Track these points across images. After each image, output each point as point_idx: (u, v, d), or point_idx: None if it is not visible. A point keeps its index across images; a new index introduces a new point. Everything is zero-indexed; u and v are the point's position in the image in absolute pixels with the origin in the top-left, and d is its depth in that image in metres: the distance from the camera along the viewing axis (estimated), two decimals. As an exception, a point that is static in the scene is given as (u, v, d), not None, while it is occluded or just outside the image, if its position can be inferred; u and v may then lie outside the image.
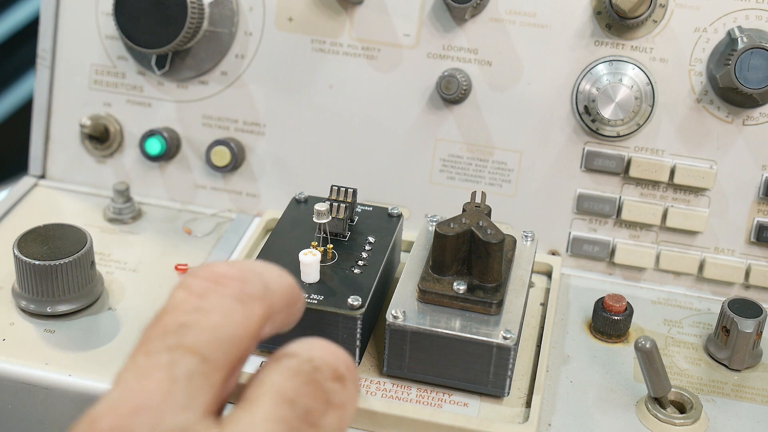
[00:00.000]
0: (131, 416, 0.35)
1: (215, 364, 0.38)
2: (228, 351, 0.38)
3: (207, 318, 0.39)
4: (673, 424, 0.68)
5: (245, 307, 0.40)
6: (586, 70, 0.84)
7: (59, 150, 0.94)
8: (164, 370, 0.36)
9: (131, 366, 0.37)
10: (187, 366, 0.37)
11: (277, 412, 0.37)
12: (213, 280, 0.40)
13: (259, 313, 0.40)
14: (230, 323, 0.39)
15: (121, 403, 0.35)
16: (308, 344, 0.41)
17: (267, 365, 0.40)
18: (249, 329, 0.40)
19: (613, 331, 0.77)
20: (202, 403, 0.37)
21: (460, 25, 0.85)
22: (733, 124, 0.83)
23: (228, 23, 0.88)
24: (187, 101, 0.91)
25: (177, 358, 0.37)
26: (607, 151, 0.85)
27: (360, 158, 0.89)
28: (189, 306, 0.39)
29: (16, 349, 0.72)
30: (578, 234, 0.87)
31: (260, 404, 0.37)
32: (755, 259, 0.85)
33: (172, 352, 0.37)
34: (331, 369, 0.40)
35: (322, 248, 0.73)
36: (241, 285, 0.40)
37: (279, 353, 0.40)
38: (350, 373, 0.41)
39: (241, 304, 0.40)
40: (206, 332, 0.38)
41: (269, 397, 0.38)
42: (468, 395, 0.69)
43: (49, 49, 0.92)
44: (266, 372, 0.39)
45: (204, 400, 0.37)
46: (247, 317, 0.40)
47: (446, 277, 0.68)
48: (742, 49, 0.77)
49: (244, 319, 0.40)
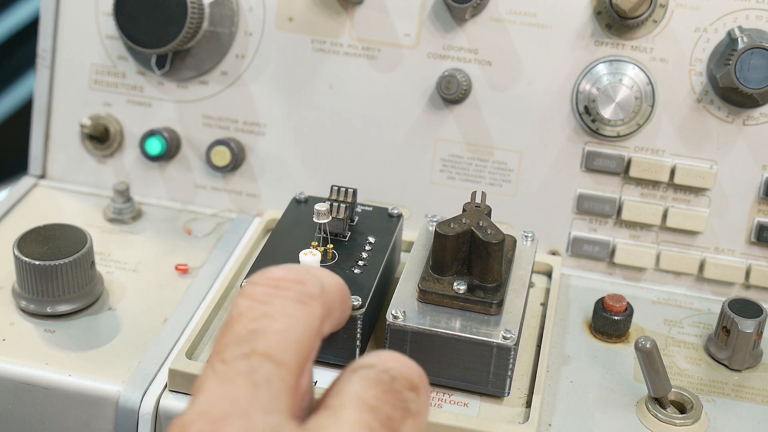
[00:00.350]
0: (222, 422, 0.36)
1: (289, 366, 0.39)
2: (298, 352, 0.40)
3: (274, 323, 0.40)
4: (673, 424, 0.68)
5: (307, 307, 0.42)
6: (586, 70, 0.84)
7: (59, 150, 0.94)
8: (244, 376, 0.38)
9: (211, 374, 0.39)
10: (265, 371, 0.38)
11: (362, 418, 0.39)
12: (273, 285, 0.42)
13: (320, 312, 0.42)
14: (296, 325, 0.41)
15: (210, 410, 0.37)
16: (383, 356, 0.43)
17: (345, 375, 0.42)
18: (313, 328, 0.42)
19: (614, 331, 0.76)
20: (285, 406, 0.38)
21: (461, 25, 0.85)
22: (734, 124, 0.83)
23: (228, 23, 0.88)
24: (188, 101, 0.91)
25: (254, 365, 0.38)
26: (608, 151, 0.85)
27: (360, 158, 0.89)
28: (255, 313, 0.41)
29: (16, 349, 0.72)
30: (578, 234, 0.87)
31: (345, 411, 0.39)
32: (755, 259, 0.85)
33: (248, 358, 0.39)
34: (407, 379, 0.42)
35: (322, 248, 0.73)
36: (299, 287, 0.42)
37: (355, 365, 0.43)
38: (423, 384, 0.43)
39: (302, 305, 0.42)
40: (276, 337, 0.40)
41: (353, 405, 0.39)
42: (468, 395, 0.68)
43: (50, 49, 0.92)
44: (346, 382, 0.41)
45: (286, 403, 0.38)
46: (310, 317, 0.42)
47: (446, 277, 0.68)
48: (743, 49, 0.77)
49: (308, 319, 0.41)
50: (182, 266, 0.82)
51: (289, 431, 0.37)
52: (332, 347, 0.68)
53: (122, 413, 0.68)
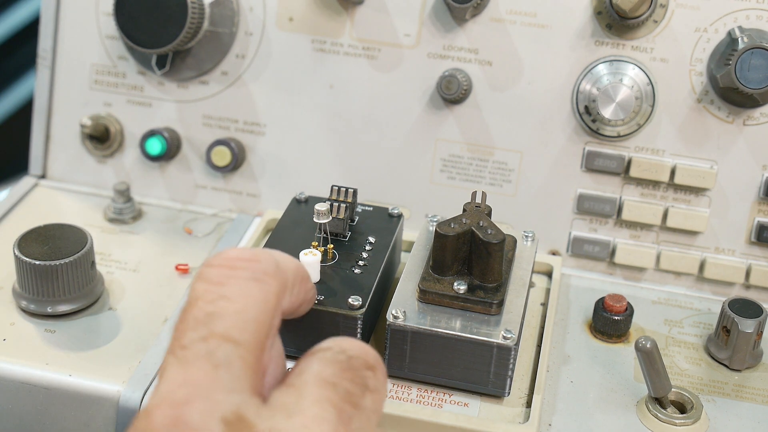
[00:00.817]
0: (185, 404, 0.37)
1: (248, 345, 0.40)
2: (256, 330, 0.41)
3: (231, 304, 0.41)
4: (673, 424, 0.68)
5: (262, 285, 0.42)
6: (586, 70, 0.84)
7: (60, 150, 0.94)
8: (204, 359, 0.39)
9: (171, 360, 0.39)
10: (224, 352, 0.39)
11: (322, 393, 0.40)
12: (228, 266, 0.43)
13: (276, 288, 0.43)
14: (252, 304, 0.41)
15: (172, 394, 0.37)
16: (338, 340, 0.44)
17: (304, 359, 0.43)
18: (270, 305, 0.42)
19: (614, 331, 0.76)
20: (247, 384, 0.39)
21: (461, 25, 0.85)
22: (734, 124, 0.83)
23: (228, 23, 0.88)
24: (188, 101, 0.91)
25: (213, 347, 0.39)
26: (608, 151, 0.85)
27: (360, 158, 0.89)
28: (211, 295, 0.41)
29: (17, 349, 0.72)
30: (579, 234, 0.87)
31: (305, 388, 0.40)
32: (756, 259, 0.85)
33: (207, 341, 0.39)
34: (363, 359, 0.43)
35: (322, 248, 0.73)
36: (254, 265, 0.43)
37: (313, 349, 0.43)
38: (379, 364, 0.44)
39: (257, 282, 0.42)
40: (233, 318, 0.40)
41: (312, 382, 0.40)
42: (468, 395, 0.68)
43: (50, 49, 0.92)
44: (305, 363, 0.42)
45: (247, 382, 0.39)
46: (266, 294, 0.42)
47: (447, 277, 0.68)
48: (743, 49, 0.77)
49: (264, 296, 0.42)
50: (182, 266, 0.82)
51: (253, 409, 0.38)
52: (332, 347, 0.68)
53: (122, 413, 0.68)
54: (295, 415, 0.38)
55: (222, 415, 0.37)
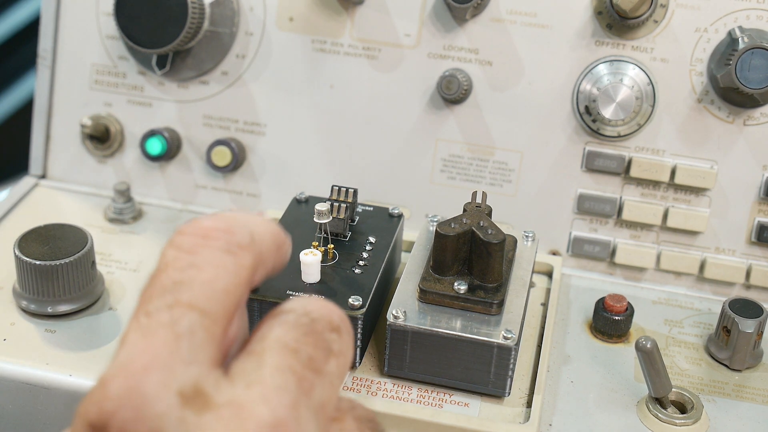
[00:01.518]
0: (141, 374, 0.36)
1: (214, 317, 0.39)
2: (224, 302, 0.40)
3: (200, 273, 0.40)
4: (673, 424, 0.68)
5: (235, 257, 0.41)
6: (586, 70, 0.84)
7: (60, 150, 0.94)
8: (167, 327, 0.37)
9: (134, 327, 0.38)
10: (188, 322, 0.38)
11: (283, 361, 0.39)
12: (201, 235, 0.41)
13: (249, 262, 0.42)
14: (223, 275, 0.40)
15: (130, 363, 0.36)
16: (303, 301, 0.43)
17: (265, 322, 0.41)
18: (241, 278, 0.41)
19: (614, 331, 0.76)
20: (208, 356, 0.38)
21: (461, 25, 0.85)
22: (734, 124, 0.83)
23: (229, 23, 0.88)
24: (188, 101, 0.91)
25: (177, 316, 0.38)
26: (608, 151, 0.85)
27: (361, 158, 0.89)
28: (181, 263, 0.40)
29: (17, 349, 0.72)
30: (579, 234, 0.87)
31: (265, 356, 0.39)
32: (756, 259, 0.85)
33: (171, 309, 0.38)
34: (327, 321, 0.42)
35: (322, 248, 0.73)
36: (228, 236, 0.41)
37: (276, 311, 0.42)
38: (345, 325, 0.43)
39: (230, 255, 0.41)
40: (201, 287, 0.39)
41: (273, 349, 0.39)
42: (469, 395, 0.68)
43: (50, 49, 0.92)
44: (266, 327, 0.41)
45: (209, 353, 0.38)
46: (238, 267, 0.41)
47: (447, 277, 0.68)
48: (743, 49, 0.77)
49: (236, 269, 0.41)
50: (183, 266, 0.82)
51: (211, 381, 0.37)
52: (333, 347, 0.68)
53: (123, 413, 0.68)
54: (254, 384, 0.37)
55: (179, 387, 0.36)
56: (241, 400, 0.37)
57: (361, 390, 0.68)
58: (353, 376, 0.69)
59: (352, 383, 0.69)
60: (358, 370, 0.70)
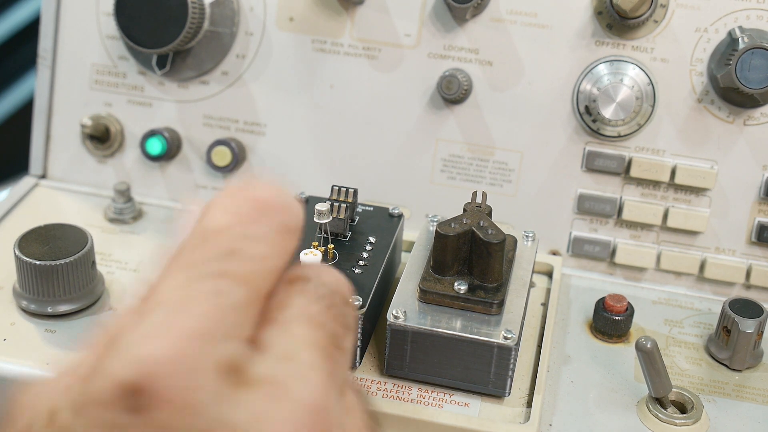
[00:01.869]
0: (186, 341, 0.34)
1: (259, 295, 0.37)
2: (271, 282, 0.38)
3: (256, 247, 0.38)
4: (674, 425, 0.68)
5: (286, 239, 0.39)
6: (586, 70, 0.84)
7: (60, 150, 0.94)
8: (213, 297, 0.35)
9: (174, 285, 0.36)
10: (235, 296, 0.36)
11: (313, 335, 0.37)
12: (259, 208, 0.39)
13: (294, 246, 0.40)
14: (275, 254, 0.38)
15: (172, 327, 0.34)
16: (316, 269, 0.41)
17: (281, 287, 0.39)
18: (287, 261, 0.39)
19: (614, 331, 0.76)
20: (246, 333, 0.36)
21: (461, 25, 0.85)
22: (734, 124, 0.83)
23: (229, 23, 0.88)
24: (188, 101, 0.91)
25: (225, 287, 0.36)
26: (608, 151, 0.85)
27: (361, 158, 0.89)
28: (238, 232, 0.38)
29: (17, 349, 0.72)
30: (579, 234, 0.87)
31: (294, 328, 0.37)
32: (756, 259, 0.85)
33: (220, 279, 0.36)
34: (342, 294, 0.40)
35: (322, 248, 0.73)
36: (286, 217, 0.40)
37: (290, 275, 0.40)
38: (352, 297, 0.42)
39: (283, 235, 0.39)
40: (255, 263, 0.37)
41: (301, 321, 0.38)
42: (469, 395, 0.68)
43: (50, 49, 0.92)
44: (285, 293, 0.39)
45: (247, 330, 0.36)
46: (287, 249, 0.39)
47: (447, 277, 0.68)
48: (743, 49, 0.77)
49: (285, 251, 0.39)
50: (183, 266, 0.82)
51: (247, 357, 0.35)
52: (333, 347, 0.68)
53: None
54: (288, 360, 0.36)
55: (218, 360, 0.34)
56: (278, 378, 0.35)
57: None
58: (353, 376, 0.69)
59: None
60: (358, 370, 0.70)
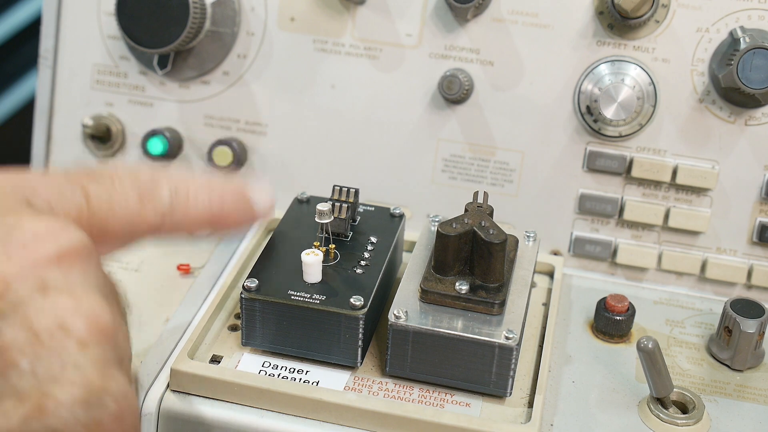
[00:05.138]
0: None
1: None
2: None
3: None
4: (675, 425, 0.68)
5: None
6: (588, 70, 0.84)
7: (61, 150, 0.94)
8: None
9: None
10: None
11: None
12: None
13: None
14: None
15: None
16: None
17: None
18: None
19: (615, 331, 0.76)
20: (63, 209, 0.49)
21: (462, 25, 0.85)
22: (736, 125, 0.83)
23: (230, 23, 0.88)
24: (189, 101, 0.91)
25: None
26: (609, 151, 0.85)
27: (362, 158, 0.89)
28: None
29: (19, 348, 0.72)
30: (580, 234, 0.87)
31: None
32: (757, 259, 0.85)
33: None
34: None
35: (324, 248, 0.73)
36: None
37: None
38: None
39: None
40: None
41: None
42: (470, 395, 0.68)
43: (51, 49, 0.92)
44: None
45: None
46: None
47: (448, 277, 0.68)
48: (745, 50, 0.77)
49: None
50: (184, 266, 0.82)
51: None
52: (334, 347, 0.68)
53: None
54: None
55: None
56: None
57: (362, 390, 0.68)
58: (355, 376, 0.69)
59: (353, 383, 0.69)
60: (360, 370, 0.70)
